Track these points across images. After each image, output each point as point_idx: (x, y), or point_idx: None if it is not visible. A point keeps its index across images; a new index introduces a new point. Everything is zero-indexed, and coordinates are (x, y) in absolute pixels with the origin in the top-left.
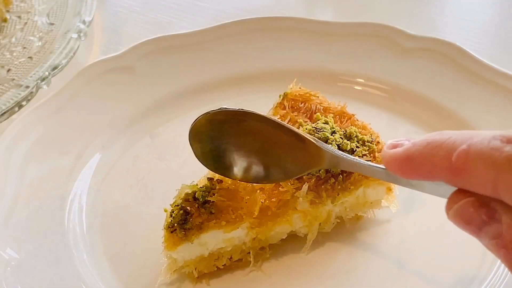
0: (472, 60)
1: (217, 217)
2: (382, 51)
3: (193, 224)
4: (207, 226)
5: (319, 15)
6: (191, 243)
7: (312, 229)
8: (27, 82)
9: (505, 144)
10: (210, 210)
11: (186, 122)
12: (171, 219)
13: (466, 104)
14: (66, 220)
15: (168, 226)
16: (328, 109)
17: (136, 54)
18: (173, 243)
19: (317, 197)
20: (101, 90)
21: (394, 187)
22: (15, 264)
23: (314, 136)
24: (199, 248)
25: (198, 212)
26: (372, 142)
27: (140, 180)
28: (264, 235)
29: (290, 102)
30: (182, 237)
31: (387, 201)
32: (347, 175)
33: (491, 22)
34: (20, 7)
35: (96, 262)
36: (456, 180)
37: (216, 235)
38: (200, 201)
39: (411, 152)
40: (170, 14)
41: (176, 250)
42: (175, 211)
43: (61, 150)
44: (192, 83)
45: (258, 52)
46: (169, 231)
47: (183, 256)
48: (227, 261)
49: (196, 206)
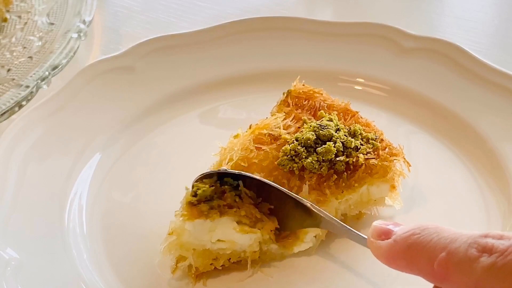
0: (472, 60)
1: (241, 208)
2: (382, 51)
3: (218, 204)
4: (227, 212)
5: (319, 15)
6: (211, 221)
7: (322, 229)
8: (27, 82)
9: (480, 253)
10: (235, 199)
11: (186, 121)
12: (199, 191)
13: (466, 104)
14: (66, 220)
15: (191, 201)
16: (332, 106)
17: (136, 54)
18: (193, 214)
19: (321, 195)
20: (101, 90)
21: (398, 185)
22: (15, 264)
23: (319, 133)
24: (206, 233)
25: (223, 197)
26: (376, 140)
27: (140, 180)
28: (269, 253)
29: (294, 99)
30: (205, 211)
31: (391, 199)
32: (351, 173)
33: (491, 22)
34: (20, 7)
35: (96, 262)
36: (440, 283)
37: (229, 226)
38: (231, 187)
39: (394, 251)
40: (170, 14)
41: (194, 222)
42: (201, 187)
43: (61, 150)
44: (192, 83)
45: (258, 52)
46: (191, 204)
47: (191, 234)
48: (226, 262)
49: (224, 189)
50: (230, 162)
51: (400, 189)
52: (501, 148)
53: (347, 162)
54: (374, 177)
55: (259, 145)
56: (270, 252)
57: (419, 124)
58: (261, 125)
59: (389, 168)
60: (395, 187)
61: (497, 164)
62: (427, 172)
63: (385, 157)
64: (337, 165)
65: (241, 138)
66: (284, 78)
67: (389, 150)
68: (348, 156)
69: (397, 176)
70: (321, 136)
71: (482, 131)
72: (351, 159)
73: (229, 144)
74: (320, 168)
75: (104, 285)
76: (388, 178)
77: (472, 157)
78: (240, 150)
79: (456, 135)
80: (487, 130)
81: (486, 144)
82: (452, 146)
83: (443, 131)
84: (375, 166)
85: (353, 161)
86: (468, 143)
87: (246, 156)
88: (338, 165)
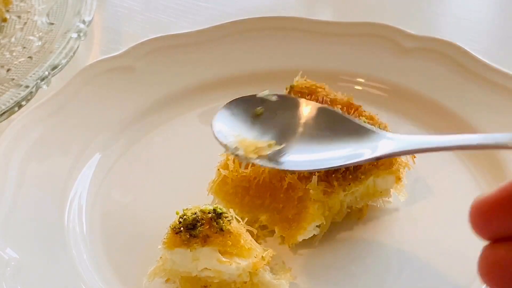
0: (472, 60)
1: (225, 237)
2: (382, 51)
3: (200, 233)
4: (211, 241)
5: (319, 15)
6: (191, 250)
7: (326, 219)
8: (27, 82)
9: None
10: (221, 227)
11: (186, 122)
12: (181, 220)
13: (466, 104)
14: (66, 220)
15: (175, 226)
16: (335, 100)
17: (136, 54)
18: (173, 243)
19: (329, 187)
20: (101, 90)
21: (403, 176)
22: (15, 264)
23: None
24: (190, 262)
25: (209, 224)
26: None
27: (140, 180)
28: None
29: (297, 94)
30: (185, 240)
31: (396, 190)
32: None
33: (491, 22)
34: (20, 7)
35: (96, 262)
36: None
37: (212, 256)
38: (215, 215)
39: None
40: (170, 14)
41: (173, 251)
42: (187, 214)
43: (61, 150)
44: (192, 83)
45: (258, 52)
46: (174, 231)
47: (174, 262)
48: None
49: (209, 217)
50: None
51: (405, 180)
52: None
53: None
54: (380, 168)
55: None
56: (263, 283)
57: (419, 124)
58: None
59: (394, 159)
60: (400, 179)
61: (497, 164)
62: (427, 172)
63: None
64: None
65: None
66: (284, 78)
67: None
68: None
69: (402, 168)
70: None
71: (482, 131)
72: None
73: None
74: None
75: (104, 285)
76: (394, 169)
77: (472, 157)
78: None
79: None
80: (487, 130)
81: None
82: None
83: (443, 131)
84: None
85: None
86: None
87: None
88: None
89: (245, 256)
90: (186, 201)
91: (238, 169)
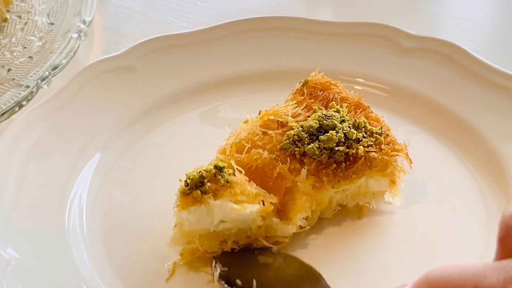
0: (472, 60)
1: (232, 187)
2: (382, 51)
3: (209, 188)
4: (221, 194)
5: (319, 15)
6: (205, 206)
7: (313, 214)
8: (27, 82)
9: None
10: (227, 179)
11: (186, 121)
12: (188, 181)
13: (466, 104)
14: (66, 220)
15: (184, 190)
16: (345, 99)
17: (136, 54)
18: (187, 203)
19: (318, 181)
20: (101, 90)
21: (398, 181)
22: (15, 264)
23: (323, 122)
24: (206, 218)
25: (214, 180)
26: (381, 135)
27: (140, 180)
28: (272, 228)
29: (310, 89)
30: (198, 197)
31: (391, 194)
32: (350, 164)
33: (491, 22)
34: (21, 7)
35: (96, 262)
36: None
37: (226, 206)
38: (218, 170)
39: None
40: (170, 14)
41: (189, 210)
42: (191, 176)
43: (61, 150)
44: (192, 83)
45: (258, 52)
46: (184, 193)
47: (191, 222)
48: (233, 244)
49: (213, 173)
50: (234, 139)
51: (402, 186)
52: (501, 148)
53: (347, 153)
54: (373, 170)
55: (265, 130)
56: (272, 227)
57: (419, 124)
58: (270, 111)
59: (389, 162)
60: (395, 183)
61: (497, 164)
62: (427, 172)
63: (386, 151)
64: (336, 155)
65: (250, 123)
66: (284, 78)
67: (392, 145)
68: (349, 147)
69: (397, 172)
70: (324, 125)
71: (482, 131)
72: (351, 151)
73: (238, 129)
74: (320, 155)
75: (104, 285)
76: (388, 172)
77: (472, 157)
78: (247, 133)
79: (456, 135)
80: (487, 130)
81: (486, 144)
82: (452, 146)
83: (443, 131)
84: (375, 159)
85: (353, 153)
86: (468, 143)
87: (251, 138)
88: (337, 154)
89: (255, 202)
90: None
91: (234, 154)
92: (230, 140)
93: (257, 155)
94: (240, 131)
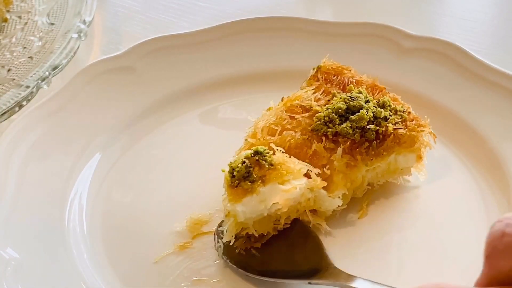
0: (472, 60)
1: (277, 168)
2: (382, 51)
3: (256, 176)
4: (268, 179)
5: (319, 15)
6: (257, 194)
7: (347, 193)
8: (28, 82)
9: None
10: (270, 162)
11: (186, 121)
12: (235, 173)
13: (466, 104)
14: (66, 220)
15: (231, 182)
16: (360, 82)
17: (136, 54)
18: (238, 196)
19: (352, 160)
20: (101, 90)
21: (424, 155)
22: (15, 264)
23: (349, 104)
24: (259, 205)
25: (258, 166)
26: (404, 112)
27: (140, 180)
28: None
29: (323, 74)
30: (248, 188)
31: (416, 169)
32: (380, 141)
33: (491, 22)
34: (21, 7)
35: (96, 262)
36: None
37: (276, 189)
38: (260, 156)
39: None
40: (170, 14)
41: (242, 202)
42: (235, 168)
43: (61, 150)
44: (192, 83)
45: (258, 52)
46: (232, 186)
47: (245, 212)
48: (285, 220)
49: (256, 159)
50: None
51: (425, 160)
52: (501, 148)
53: (376, 131)
54: (402, 146)
55: (292, 114)
56: (320, 198)
57: None
58: (292, 97)
59: (416, 138)
60: (421, 158)
61: (497, 164)
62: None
63: (412, 127)
64: (367, 133)
65: (274, 109)
66: (284, 78)
67: (416, 121)
68: (378, 126)
69: (423, 147)
70: (351, 106)
71: (482, 131)
72: (381, 129)
73: (262, 116)
74: (353, 134)
75: (104, 285)
76: (415, 148)
77: (472, 157)
78: (275, 118)
79: (456, 135)
80: (487, 130)
81: (486, 144)
82: (452, 146)
83: (443, 131)
84: (403, 136)
85: (382, 130)
86: (468, 143)
87: (279, 123)
88: (368, 133)
89: (300, 176)
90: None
91: (266, 136)
92: (260, 124)
93: (290, 137)
94: (266, 117)
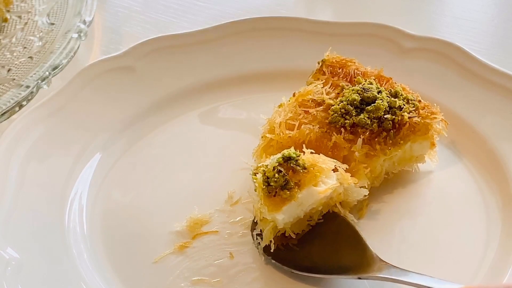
0: (472, 60)
1: (310, 171)
2: (382, 51)
3: (293, 183)
4: (303, 183)
5: (319, 15)
6: (295, 201)
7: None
8: (28, 82)
9: None
10: (303, 166)
11: (185, 121)
12: (272, 183)
13: (466, 104)
14: (66, 220)
15: (269, 191)
16: (366, 73)
17: (136, 54)
18: (277, 205)
19: (372, 150)
20: (101, 90)
21: (437, 142)
22: (16, 264)
23: (363, 95)
24: (297, 209)
25: (292, 170)
26: (415, 100)
27: (140, 180)
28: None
29: (328, 68)
30: (288, 197)
31: (429, 156)
32: (396, 130)
33: (491, 22)
34: (21, 7)
35: (96, 262)
36: None
37: (312, 193)
38: (293, 161)
39: None
40: (170, 14)
41: (282, 211)
42: (270, 176)
43: (62, 150)
44: (192, 83)
45: (258, 52)
46: (270, 196)
47: (283, 218)
48: (319, 216)
49: (289, 165)
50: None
51: (437, 147)
52: (501, 148)
53: (392, 120)
54: (417, 134)
55: (305, 109)
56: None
57: None
58: (304, 92)
59: (430, 125)
60: (434, 144)
61: (497, 164)
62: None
63: (426, 115)
64: (384, 123)
65: (286, 105)
66: (284, 78)
67: (428, 109)
68: (393, 115)
69: (436, 134)
70: (365, 97)
71: (482, 131)
72: (396, 118)
73: (275, 113)
74: (371, 124)
75: (104, 285)
76: (429, 135)
77: (472, 157)
78: (291, 113)
79: (456, 135)
80: (487, 130)
81: (486, 144)
82: (452, 146)
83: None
84: (417, 124)
85: (398, 120)
86: (468, 143)
87: (295, 118)
88: (385, 123)
89: (330, 174)
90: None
91: (284, 131)
92: (271, 123)
93: (309, 130)
94: (279, 114)
